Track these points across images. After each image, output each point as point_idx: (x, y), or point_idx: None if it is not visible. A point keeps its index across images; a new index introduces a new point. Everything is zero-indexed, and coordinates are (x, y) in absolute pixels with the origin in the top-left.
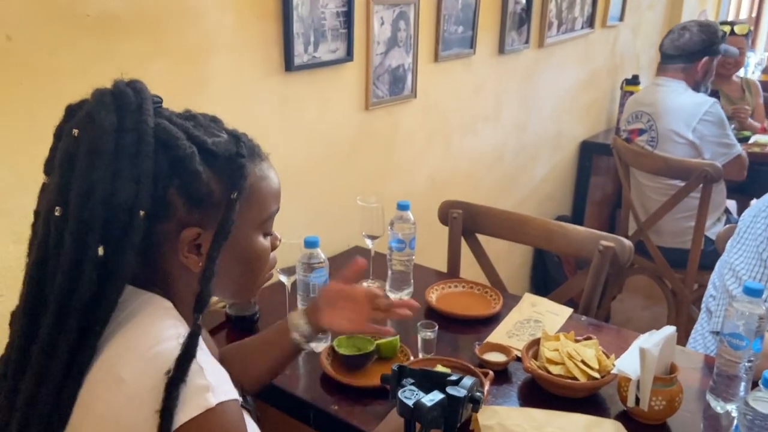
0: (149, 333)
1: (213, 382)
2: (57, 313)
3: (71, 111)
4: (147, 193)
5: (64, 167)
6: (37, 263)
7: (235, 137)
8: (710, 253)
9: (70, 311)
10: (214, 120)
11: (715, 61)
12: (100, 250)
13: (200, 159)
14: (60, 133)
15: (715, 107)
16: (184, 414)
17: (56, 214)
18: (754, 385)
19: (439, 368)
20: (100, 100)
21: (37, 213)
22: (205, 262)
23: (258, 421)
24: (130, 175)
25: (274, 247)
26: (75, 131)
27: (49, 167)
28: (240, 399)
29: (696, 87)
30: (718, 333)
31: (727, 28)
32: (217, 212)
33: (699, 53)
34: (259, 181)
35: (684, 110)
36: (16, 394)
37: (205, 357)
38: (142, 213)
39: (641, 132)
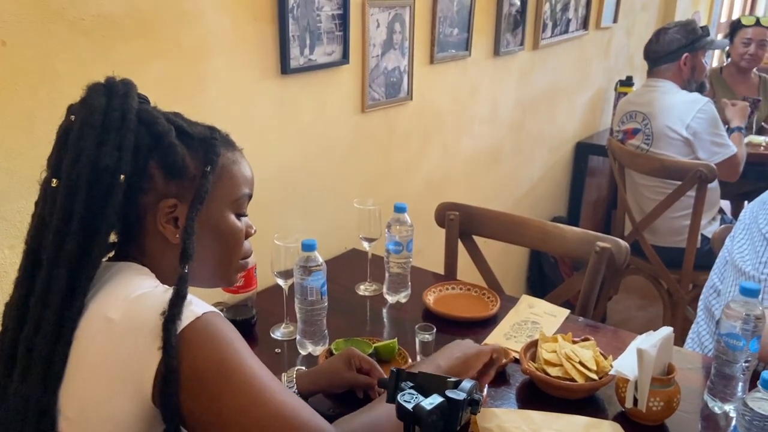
0: (130, 284)
1: (192, 299)
2: (49, 268)
3: (71, 109)
4: (128, 160)
5: (61, 143)
6: (34, 232)
7: (210, 128)
8: (706, 253)
9: (59, 263)
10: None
11: (702, 58)
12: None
13: (177, 137)
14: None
15: (708, 105)
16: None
17: (53, 185)
18: (753, 385)
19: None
20: (93, 89)
21: (37, 203)
22: (185, 222)
23: None
24: (113, 144)
25: (248, 235)
26: (72, 117)
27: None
28: (221, 313)
29: (687, 86)
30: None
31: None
32: (192, 186)
33: (679, 50)
34: (231, 163)
35: (678, 108)
36: (16, 348)
37: None
38: (122, 177)
39: (636, 131)
